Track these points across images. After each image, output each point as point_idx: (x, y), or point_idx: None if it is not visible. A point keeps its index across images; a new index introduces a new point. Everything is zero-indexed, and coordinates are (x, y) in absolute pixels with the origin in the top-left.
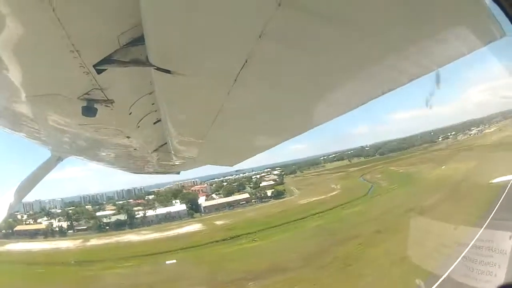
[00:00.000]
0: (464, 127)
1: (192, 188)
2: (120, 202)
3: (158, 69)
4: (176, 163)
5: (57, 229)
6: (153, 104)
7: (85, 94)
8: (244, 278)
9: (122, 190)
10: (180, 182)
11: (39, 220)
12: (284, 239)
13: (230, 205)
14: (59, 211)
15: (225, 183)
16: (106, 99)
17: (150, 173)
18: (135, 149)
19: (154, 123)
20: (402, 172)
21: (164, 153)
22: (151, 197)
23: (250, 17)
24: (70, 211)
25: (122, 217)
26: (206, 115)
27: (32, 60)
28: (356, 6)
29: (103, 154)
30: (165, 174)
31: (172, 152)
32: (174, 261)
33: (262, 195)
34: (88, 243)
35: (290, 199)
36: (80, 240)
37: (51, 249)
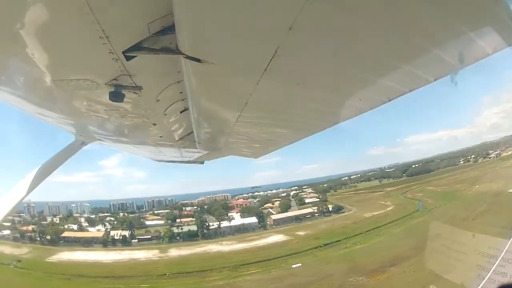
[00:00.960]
0: (478, 150)
1: (235, 202)
2: (161, 211)
3: (188, 57)
4: (201, 153)
5: (116, 237)
6: (181, 92)
7: (113, 80)
8: (384, 265)
9: (153, 200)
10: (207, 196)
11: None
12: (382, 241)
13: (297, 218)
14: (105, 217)
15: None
16: (134, 85)
17: (174, 161)
18: (160, 136)
19: (181, 112)
20: (441, 191)
21: (190, 142)
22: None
23: (281, 8)
24: (122, 218)
25: (194, 227)
26: (233, 105)
27: (62, 45)
28: (387, 2)
29: (128, 140)
30: (189, 163)
31: (197, 141)
32: (299, 264)
33: (325, 209)
34: (171, 254)
35: (352, 214)
36: (156, 251)
37: (129, 260)
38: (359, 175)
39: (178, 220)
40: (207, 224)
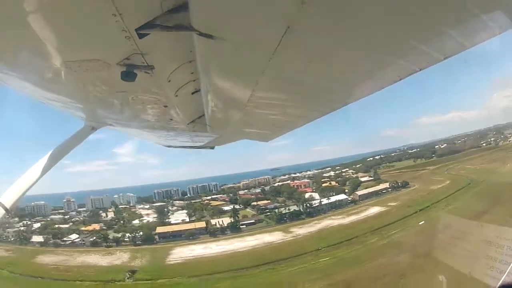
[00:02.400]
0: (495, 132)
1: (294, 184)
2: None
3: (201, 34)
4: (212, 137)
5: (218, 226)
6: (192, 73)
7: (125, 59)
8: (481, 212)
9: (197, 186)
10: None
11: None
12: (463, 203)
13: (377, 193)
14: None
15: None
16: (146, 64)
17: (184, 146)
18: (171, 119)
19: (193, 93)
20: (480, 168)
21: (201, 125)
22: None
23: None
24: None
25: (296, 207)
26: (244, 85)
27: (72, 23)
28: None
29: (139, 123)
30: (200, 148)
31: (208, 124)
32: (423, 221)
33: (395, 185)
34: (298, 232)
35: (418, 188)
36: (279, 233)
37: (265, 244)
38: (380, 156)
39: (254, 203)
40: (309, 203)
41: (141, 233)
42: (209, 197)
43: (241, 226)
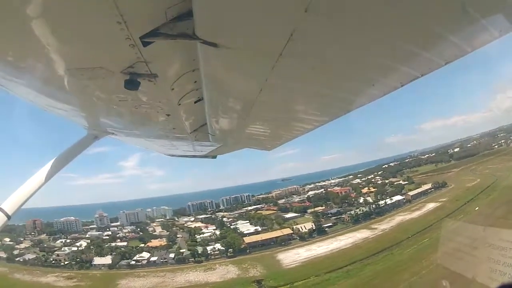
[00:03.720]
0: (503, 133)
1: (339, 191)
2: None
3: (205, 42)
4: (214, 146)
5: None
6: (195, 82)
7: (129, 67)
8: None
9: (229, 197)
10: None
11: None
12: (503, 191)
13: (424, 193)
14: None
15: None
16: (150, 73)
17: (186, 155)
18: (174, 128)
19: (195, 102)
20: (501, 167)
21: (203, 134)
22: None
23: None
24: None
25: (364, 209)
26: (247, 93)
27: (77, 31)
28: None
29: (141, 133)
30: (202, 157)
31: (211, 133)
32: (477, 207)
33: (436, 186)
34: (380, 227)
35: (455, 186)
36: (364, 230)
37: (360, 239)
38: (394, 163)
39: (309, 211)
40: (375, 204)
41: (230, 245)
42: (249, 208)
43: (326, 229)
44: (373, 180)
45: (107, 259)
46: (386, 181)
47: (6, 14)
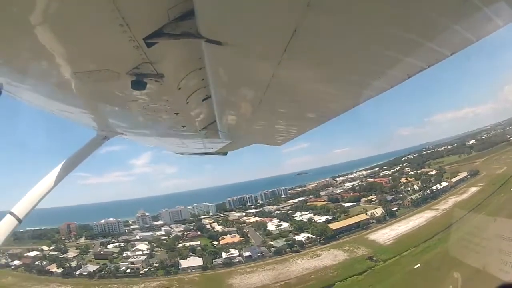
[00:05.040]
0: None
1: (380, 181)
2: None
3: (208, 40)
4: (224, 143)
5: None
6: (202, 80)
7: (134, 68)
8: None
9: (267, 191)
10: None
11: None
12: None
13: (463, 180)
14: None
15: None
16: (156, 73)
17: (197, 153)
18: (183, 126)
19: (203, 100)
20: None
21: (213, 131)
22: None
23: None
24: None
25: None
26: (255, 89)
27: (81, 35)
28: None
29: (150, 132)
30: (213, 154)
31: (220, 130)
32: None
33: (471, 173)
34: (424, 216)
35: (486, 174)
36: (414, 218)
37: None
38: (414, 155)
39: (363, 199)
40: (425, 191)
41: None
42: (295, 200)
43: (396, 212)
44: (404, 171)
45: (197, 261)
46: (419, 171)
47: (13, 22)
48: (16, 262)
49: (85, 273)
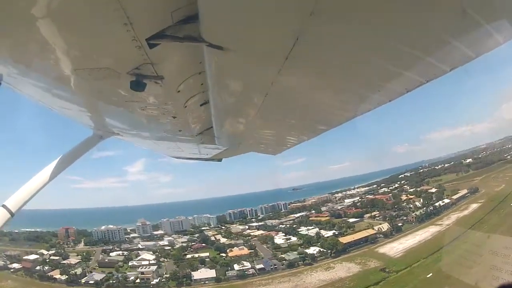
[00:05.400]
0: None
1: (380, 197)
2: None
3: (211, 45)
4: (219, 149)
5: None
6: (202, 84)
7: (135, 68)
8: None
9: (267, 205)
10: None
11: None
12: None
13: (464, 196)
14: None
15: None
16: (156, 75)
17: (191, 158)
18: (179, 130)
19: (201, 105)
20: None
21: (209, 137)
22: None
23: None
24: None
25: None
26: (254, 96)
27: (84, 32)
28: None
29: (147, 134)
30: (207, 160)
31: (217, 136)
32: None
33: (470, 191)
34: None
35: (485, 191)
36: (436, 226)
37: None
38: (410, 173)
39: (366, 215)
40: (428, 207)
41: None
42: (297, 215)
43: (402, 227)
44: (403, 188)
45: (209, 272)
46: (418, 189)
47: (16, 15)
48: (15, 265)
49: (91, 282)
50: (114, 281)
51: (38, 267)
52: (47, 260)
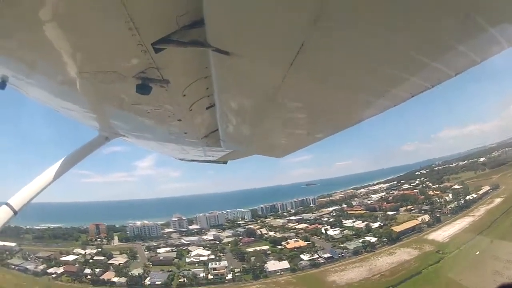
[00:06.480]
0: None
1: (409, 193)
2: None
3: (217, 50)
4: (225, 152)
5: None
6: (207, 88)
7: (140, 72)
8: None
9: (297, 199)
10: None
11: None
12: None
13: (487, 193)
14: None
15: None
16: (162, 79)
17: (196, 160)
18: (185, 133)
19: (207, 108)
20: None
21: (214, 139)
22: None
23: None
24: None
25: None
26: (259, 101)
27: (90, 35)
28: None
29: (152, 136)
30: (212, 162)
31: (222, 139)
32: None
33: (492, 187)
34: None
35: (506, 188)
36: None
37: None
38: (426, 170)
39: (401, 209)
40: (458, 201)
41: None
42: (330, 209)
43: (441, 218)
44: (426, 184)
45: (282, 264)
46: (441, 185)
47: (23, 18)
48: (55, 269)
49: (158, 282)
50: (185, 280)
51: (88, 270)
52: (90, 261)
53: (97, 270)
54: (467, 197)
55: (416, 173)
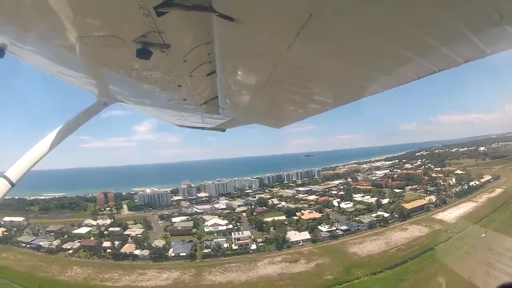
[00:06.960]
0: None
1: (413, 173)
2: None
3: (221, 15)
4: (223, 120)
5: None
6: (209, 54)
7: (141, 36)
8: None
9: (302, 170)
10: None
11: None
12: None
13: (487, 182)
14: None
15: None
16: (163, 43)
17: (195, 127)
18: (184, 99)
19: (208, 75)
20: None
21: (213, 107)
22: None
23: None
24: None
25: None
26: (261, 69)
27: None
28: None
29: (151, 101)
30: (211, 130)
31: (221, 106)
32: None
33: (494, 177)
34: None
35: (506, 179)
36: None
37: None
38: (426, 152)
39: (407, 187)
40: (462, 186)
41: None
42: (336, 182)
43: (446, 200)
44: (427, 166)
45: (303, 235)
46: (443, 169)
47: None
48: (71, 244)
49: (183, 254)
50: (210, 251)
51: (105, 244)
52: (105, 233)
53: (116, 243)
54: (471, 183)
55: (417, 154)
